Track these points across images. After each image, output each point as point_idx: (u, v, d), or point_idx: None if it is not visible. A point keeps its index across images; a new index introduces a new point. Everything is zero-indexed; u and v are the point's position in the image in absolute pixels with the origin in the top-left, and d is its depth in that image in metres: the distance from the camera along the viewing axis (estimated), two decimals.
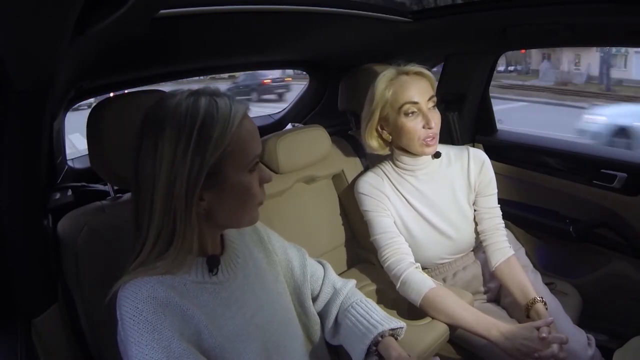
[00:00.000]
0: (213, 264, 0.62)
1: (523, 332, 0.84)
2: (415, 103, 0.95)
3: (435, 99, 0.98)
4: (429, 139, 0.97)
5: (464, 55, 1.50)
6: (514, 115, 6.31)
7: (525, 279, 0.98)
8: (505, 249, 1.02)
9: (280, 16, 0.89)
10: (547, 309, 0.94)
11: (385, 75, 0.99)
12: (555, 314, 0.94)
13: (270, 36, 1.05)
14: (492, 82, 1.60)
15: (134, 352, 0.51)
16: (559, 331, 0.89)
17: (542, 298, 0.95)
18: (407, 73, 0.98)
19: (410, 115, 0.96)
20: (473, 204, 1.07)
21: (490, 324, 0.87)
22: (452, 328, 0.93)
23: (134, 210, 0.58)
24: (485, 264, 1.09)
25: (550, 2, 1.00)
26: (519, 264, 1.02)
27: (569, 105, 8.37)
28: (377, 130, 1.03)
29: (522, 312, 0.97)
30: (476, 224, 1.07)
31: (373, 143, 1.04)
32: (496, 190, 1.06)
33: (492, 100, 1.63)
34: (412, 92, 0.95)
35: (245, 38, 0.98)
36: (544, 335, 0.81)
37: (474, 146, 1.59)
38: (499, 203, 1.07)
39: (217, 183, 0.56)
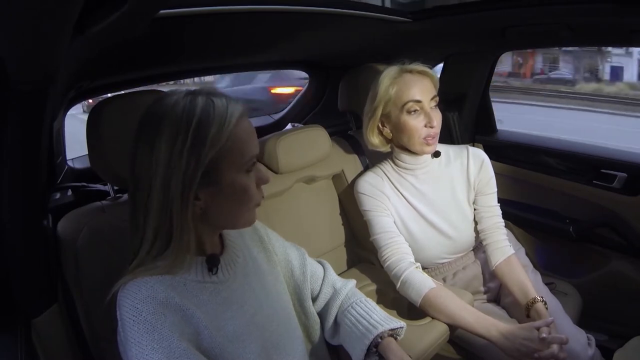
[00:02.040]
0: (212, 263, 0.62)
1: (523, 332, 0.84)
2: (418, 102, 0.96)
3: (437, 98, 0.98)
4: (429, 138, 0.97)
5: (464, 55, 1.50)
6: None
7: (525, 279, 0.98)
8: (505, 248, 1.02)
9: (280, 16, 0.89)
10: (547, 308, 0.94)
11: (389, 73, 0.99)
12: (555, 314, 0.94)
13: (270, 36, 1.05)
14: None
15: (134, 352, 0.51)
16: (559, 331, 0.89)
17: (542, 298, 0.95)
18: (410, 71, 0.98)
19: (412, 113, 0.96)
20: (473, 203, 1.07)
21: (490, 324, 0.87)
22: (452, 328, 0.93)
23: (131, 210, 0.58)
24: (485, 263, 1.09)
25: (550, 2, 1.00)
26: (519, 263, 1.02)
27: None
28: (378, 128, 1.03)
29: (522, 312, 0.97)
30: (476, 224, 1.07)
31: (374, 140, 1.05)
32: (496, 189, 1.06)
33: None
34: (415, 91, 0.96)
35: (245, 38, 0.98)
36: (544, 335, 0.81)
37: (473, 146, 1.59)
38: (498, 203, 1.07)
39: (213, 182, 0.56)
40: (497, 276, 1.03)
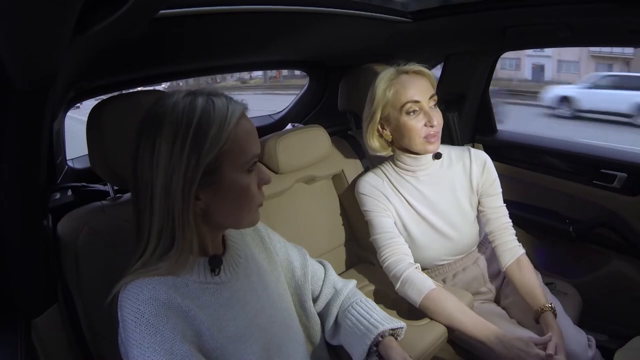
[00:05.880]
0: (215, 264, 0.62)
1: (520, 344, 0.83)
2: (417, 102, 0.95)
3: (436, 97, 0.98)
4: (430, 137, 0.97)
5: (464, 55, 1.50)
6: None
7: (535, 283, 0.97)
8: (514, 248, 1.02)
9: (280, 16, 0.89)
10: (555, 316, 0.93)
11: (385, 75, 0.98)
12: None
13: (271, 36, 1.05)
14: None
15: (136, 354, 0.51)
16: None
17: (551, 305, 0.94)
18: (407, 72, 0.98)
19: (411, 114, 0.96)
20: (479, 205, 1.06)
21: (488, 330, 0.87)
22: (451, 328, 0.93)
23: (134, 211, 0.58)
24: (485, 265, 1.09)
25: (550, 2, 0.99)
26: (529, 264, 1.01)
27: None
28: (378, 131, 1.03)
29: (522, 313, 0.97)
30: (478, 226, 1.06)
31: (374, 144, 1.04)
32: (500, 190, 1.05)
33: None
34: (413, 91, 0.95)
35: (245, 38, 0.98)
36: (550, 352, 0.81)
37: (473, 146, 1.59)
38: None
39: (213, 182, 0.56)
40: (507, 278, 1.02)
